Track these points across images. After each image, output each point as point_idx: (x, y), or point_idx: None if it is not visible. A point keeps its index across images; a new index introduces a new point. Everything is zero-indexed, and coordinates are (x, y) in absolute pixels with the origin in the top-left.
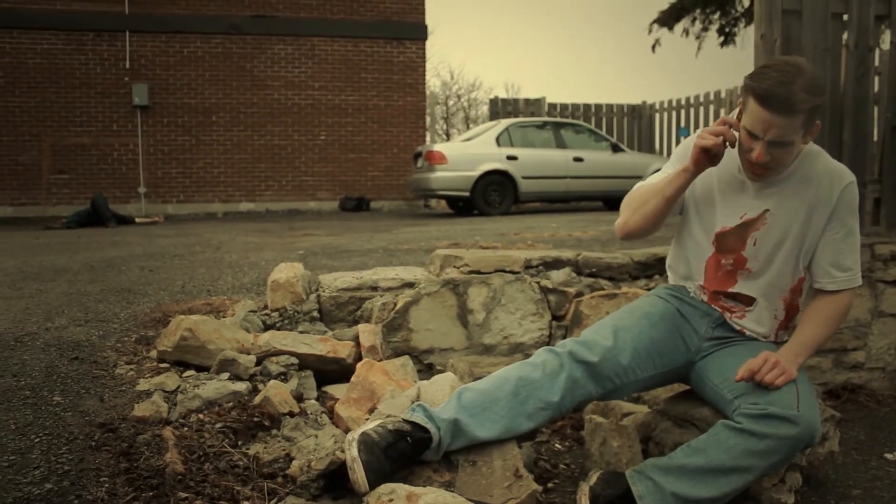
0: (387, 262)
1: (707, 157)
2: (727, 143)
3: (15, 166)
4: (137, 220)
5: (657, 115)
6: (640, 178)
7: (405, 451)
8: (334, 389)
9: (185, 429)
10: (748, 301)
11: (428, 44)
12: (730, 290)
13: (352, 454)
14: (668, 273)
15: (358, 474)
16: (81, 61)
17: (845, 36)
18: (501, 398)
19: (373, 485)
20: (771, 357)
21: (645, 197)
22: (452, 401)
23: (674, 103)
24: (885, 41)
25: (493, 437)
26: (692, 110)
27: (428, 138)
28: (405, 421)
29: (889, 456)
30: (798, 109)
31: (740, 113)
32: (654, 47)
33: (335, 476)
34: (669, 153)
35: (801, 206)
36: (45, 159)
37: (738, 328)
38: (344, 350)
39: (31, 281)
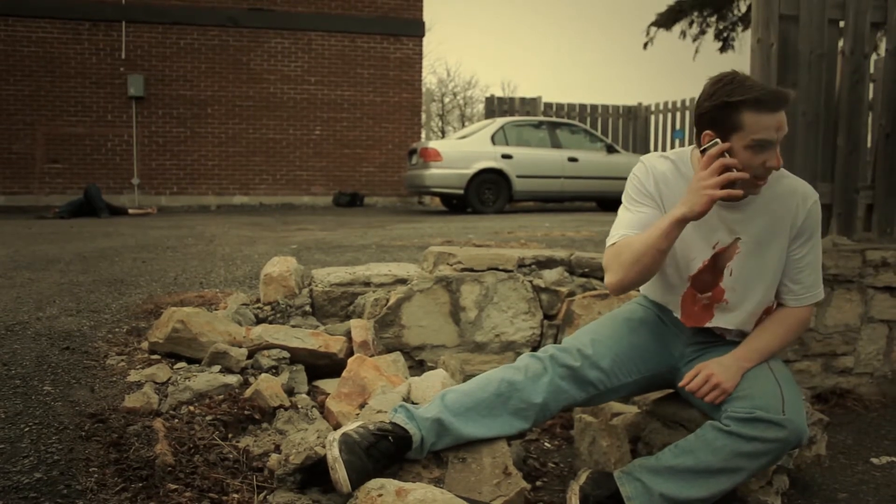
0: (380, 259)
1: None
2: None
3: (8, 155)
4: (131, 211)
5: (652, 117)
6: None
7: (387, 451)
8: (325, 384)
9: (176, 421)
10: (726, 332)
11: (425, 41)
12: (706, 325)
13: (333, 454)
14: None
15: (340, 474)
16: (77, 51)
17: (841, 42)
18: (485, 398)
19: (355, 484)
20: (712, 378)
21: (637, 254)
22: (436, 401)
23: (669, 105)
24: (881, 48)
25: (477, 435)
26: (687, 112)
27: (423, 135)
28: (387, 422)
29: (875, 461)
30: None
31: (722, 146)
32: (646, 45)
33: (316, 472)
34: None
35: (770, 227)
36: (39, 148)
37: (719, 333)
38: (336, 345)
39: (23, 270)
